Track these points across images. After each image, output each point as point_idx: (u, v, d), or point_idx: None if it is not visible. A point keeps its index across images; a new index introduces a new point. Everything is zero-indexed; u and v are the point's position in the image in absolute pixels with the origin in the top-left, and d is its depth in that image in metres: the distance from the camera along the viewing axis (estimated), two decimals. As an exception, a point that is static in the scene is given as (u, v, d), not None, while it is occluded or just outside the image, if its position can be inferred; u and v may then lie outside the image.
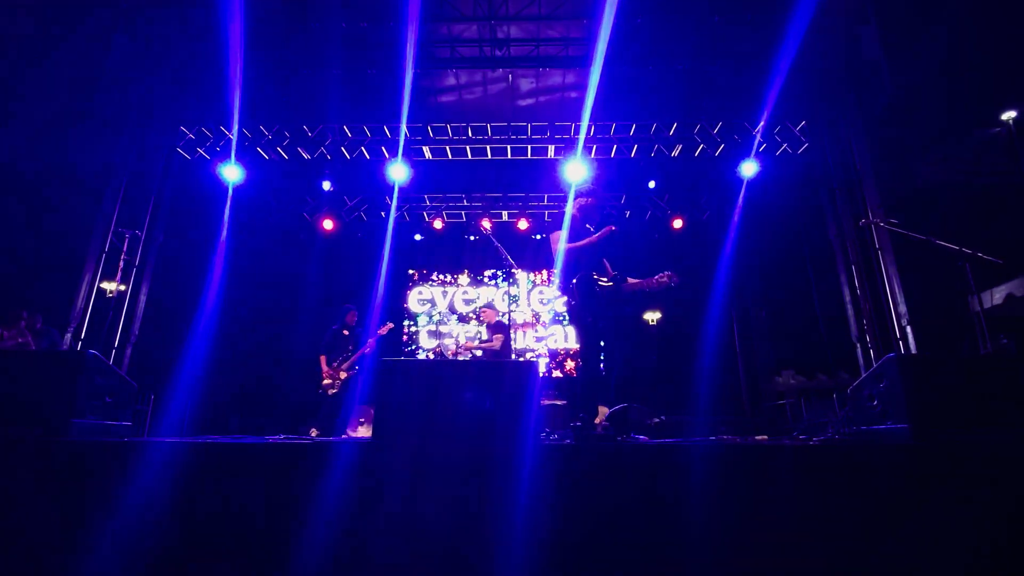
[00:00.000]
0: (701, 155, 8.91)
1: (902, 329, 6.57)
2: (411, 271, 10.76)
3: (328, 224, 9.78)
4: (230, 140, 8.12)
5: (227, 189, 8.24)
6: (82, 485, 2.33)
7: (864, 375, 2.66)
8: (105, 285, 7.00)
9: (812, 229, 8.62)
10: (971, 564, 1.94)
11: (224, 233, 8.13)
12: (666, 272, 3.71)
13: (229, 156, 8.13)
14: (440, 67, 7.92)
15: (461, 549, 2.26)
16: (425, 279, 10.80)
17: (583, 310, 3.74)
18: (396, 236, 9.73)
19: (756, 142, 8.40)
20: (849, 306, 7.46)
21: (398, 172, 8.40)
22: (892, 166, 7.49)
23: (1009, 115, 8.60)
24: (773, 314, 9.18)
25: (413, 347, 10.37)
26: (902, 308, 6.57)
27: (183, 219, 8.42)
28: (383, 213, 10.21)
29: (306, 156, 8.98)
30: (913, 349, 6.39)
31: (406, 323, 10.49)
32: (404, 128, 8.23)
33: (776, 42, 6.79)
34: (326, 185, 9.22)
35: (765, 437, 2.90)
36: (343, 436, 6.00)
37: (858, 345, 7.25)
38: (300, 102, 8.20)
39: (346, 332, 6.74)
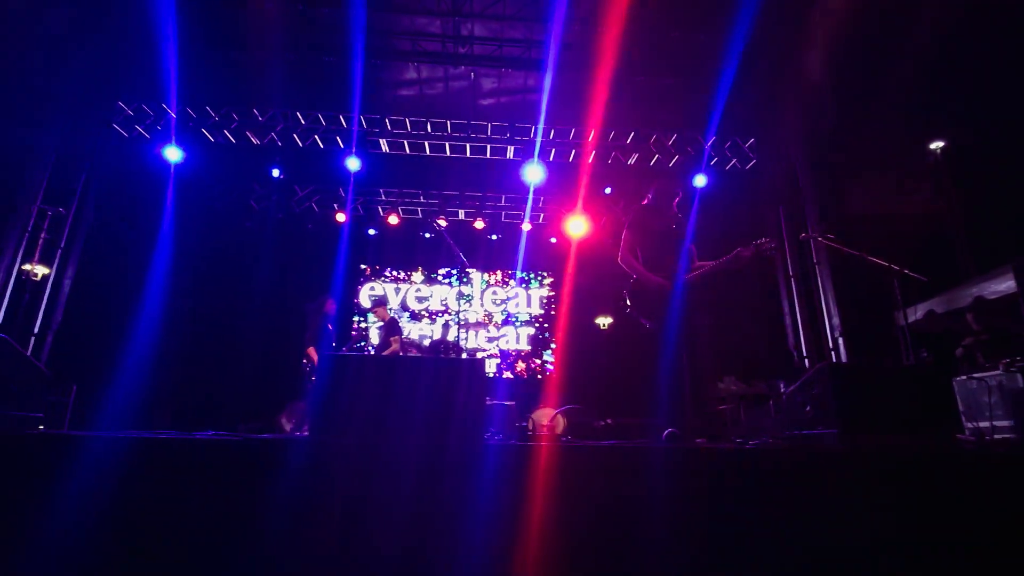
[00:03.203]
0: (656, 165, 9.13)
1: (835, 340, 6.93)
2: (363, 266, 10.51)
3: (276, 213, 9.41)
4: (172, 119, 7.69)
5: (169, 171, 7.80)
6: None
7: (799, 382, 2.76)
8: (30, 267, 6.48)
9: (753, 242, 8.98)
10: (891, 559, 2.04)
11: (166, 218, 7.69)
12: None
13: (171, 136, 7.70)
14: (401, 59, 7.78)
15: (416, 552, 2.19)
16: (378, 275, 10.57)
17: None
18: (349, 229, 9.49)
19: (707, 156, 8.69)
20: (787, 316, 7.81)
21: (354, 164, 8.20)
22: (832, 186, 7.91)
23: (937, 145, 9.25)
24: (718, 322, 9.50)
25: (362, 343, 10.12)
26: (836, 320, 6.94)
27: (120, 200, 7.90)
28: (336, 205, 9.92)
29: (255, 141, 8.61)
30: (844, 359, 6.75)
31: (356, 319, 10.23)
32: (360, 119, 8.03)
33: (727, 61, 7.03)
34: (275, 173, 8.87)
35: (704, 440, 2.97)
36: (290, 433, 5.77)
37: (795, 354, 7.60)
38: (251, 85, 7.86)
39: (330, 326, 6.50)
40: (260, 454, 2.34)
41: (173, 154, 7.72)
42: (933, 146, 9.20)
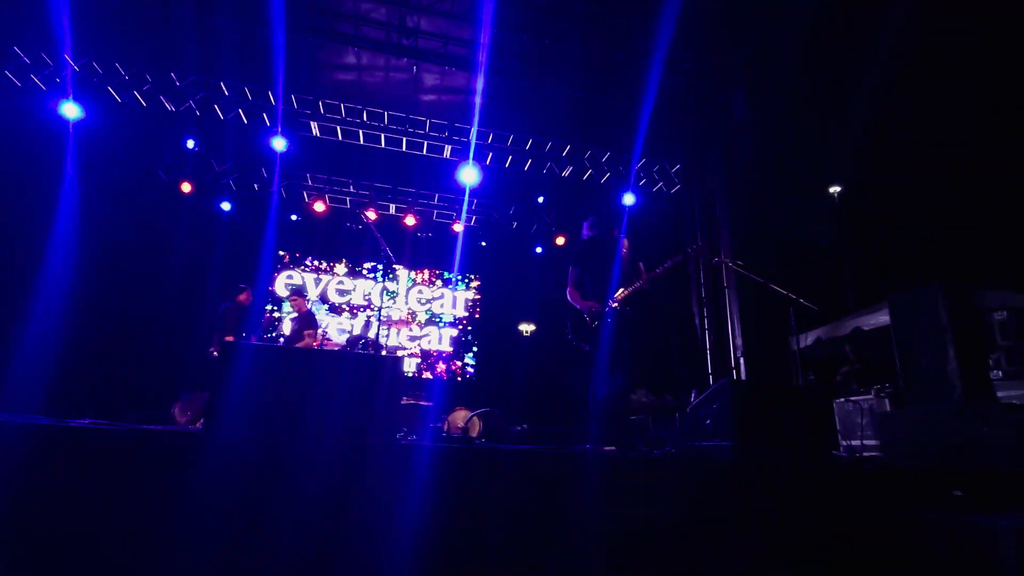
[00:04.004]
0: (589, 179, 9.41)
1: (737, 360, 7.44)
2: (281, 252, 9.95)
3: (187, 187, 8.72)
4: (71, 71, 6.92)
5: (68, 130, 7.02)
6: None
7: (701, 397, 2.93)
8: None
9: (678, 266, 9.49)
10: (775, 564, 2.21)
11: (65, 183, 6.92)
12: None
13: (68, 89, 6.94)
14: (340, 42, 7.49)
15: (318, 552, 2.08)
16: (297, 263, 10.07)
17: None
18: (270, 212, 8.98)
19: (635, 176, 9.08)
20: (698, 335, 8.30)
21: (280, 144, 7.77)
22: (745, 216, 8.51)
23: (835, 189, 10.25)
24: (634, 336, 9.92)
25: (273, 334, 9.58)
26: (739, 341, 7.45)
27: (12, 161, 6.99)
28: (256, 185, 9.36)
29: (170, 107, 7.94)
30: (744, 378, 7.26)
31: (269, 307, 9.67)
32: (292, 98, 7.63)
33: (657, 89, 7.36)
34: (190, 143, 8.22)
35: (613, 448, 3.07)
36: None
37: (703, 370, 8.08)
38: (169, 47, 7.24)
39: (241, 313, 6.03)
40: (142, 446, 2.13)
41: (71, 110, 6.95)
42: (832, 190, 10.20)
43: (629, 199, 8.85)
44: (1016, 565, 1.73)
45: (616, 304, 3.71)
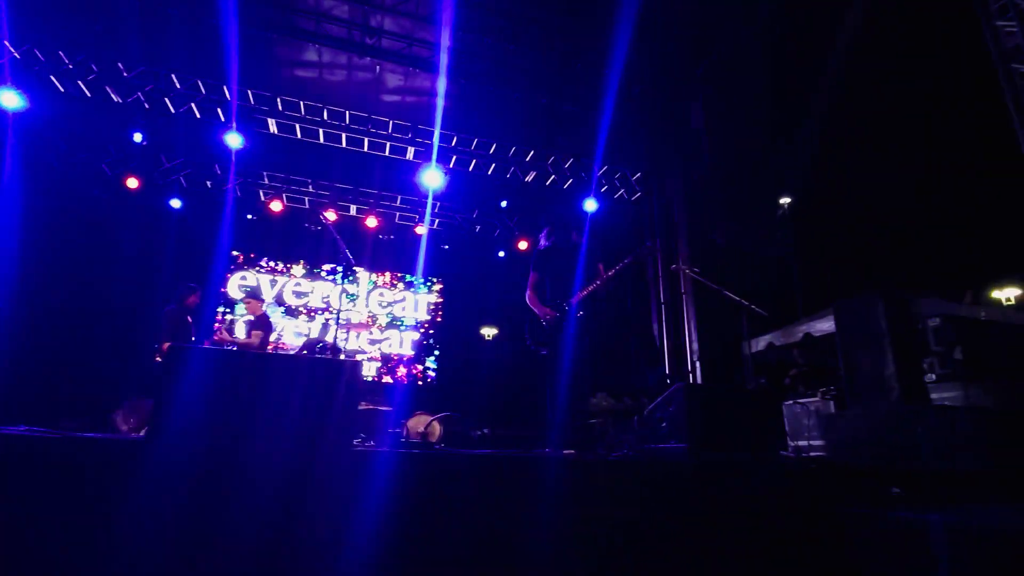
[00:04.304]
0: (552, 184, 9.49)
1: (693, 363, 7.64)
2: (235, 252, 9.60)
3: (133, 183, 8.31)
4: (14, 59, 6.52)
5: (7, 120, 6.62)
6: None
7: (658, 400, 2.99)
8: None
9: (635, 268, 9.70)
10: (725, 561, 2.27)
11: (3, 175, 6.52)
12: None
13: (6, 77, 6.53)
14: (301, 38, 7.32)
15: (271, 564, 2.00)
16: (252, 264, 9.74)
17: None
18: (224, 211, 8.66)
19: (597, 183, 9.22)
20: (657, 339, 8.48)
21: (236, 140, 7.51)
22: (702, 224, 8.77)
23: (786, 200, 10.68)
24: (595, 340, 10.05)
25: (226, 337, 9.23)
26: (695, 345, 7.66)
27: None
28: (209, 183, 9.02)
29: (116, 99, 7.57)
30: (700, 382, 7.47)
31: (221, 310, 9.31)
32: (248, 93, 7.40)
33: (619, 97, 7.51)
34: (138, 137, 7.84)
35: (573, 452, 3.09)
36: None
37: (661, 373, 8.25)
38: (118, 36, 6.91)
39: (189, 318, 5.73)
40: (80, 455, 2.01)
41: (10, 99, 6.55)
42: (783, 200, 10.64)
43: (591, 205, 8.97)
44: (946, 557, 1.84)
45: (567, 307, 3.75)
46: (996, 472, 3.09)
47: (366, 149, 8.76)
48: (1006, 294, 8.64)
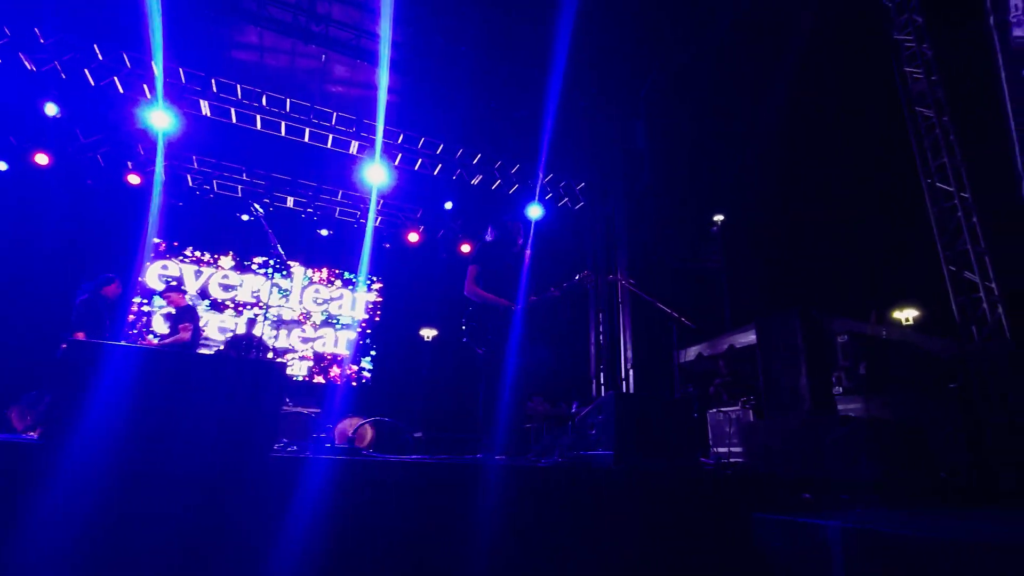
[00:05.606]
0: (498, 189, 9.52)
1: (627, 371, 7.87)
2: (157, 240, 8.95)
3: (43, 159, 7.61)
4: None
5: None
6: None
7: (589, 407, 3.05)
8: None
9: (575, 275, 9.90)
10: (639, 567, 2.34)
11: None
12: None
13: None
14: (242, 19, 6.97)
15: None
16: (175, 252, 9.13)
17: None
18: (145, 195, 8.08)
19: (541, 190, 9.35)
20: (592, 346, 8.67)
21: (163, 120, 7.02)
22: (641, 237, 9.08)
23: (718, 218, 11.25)
24: (532, 344, 10.16)
25: (143, 331, 8.61)
26: (629, 354, 7.89)
27: None
28: (130, 163, 8.39)
29: (30, 67, 6.91)
30: (632, 390, 7.70)
31: (138, 300, 8.67)
32: (180, 72, 6.95)
33: (562, 106, 7.63)
34: (51, 109, 7.19)
35: (503, 458, 3.10)
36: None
37: (594, 381, 8.44)
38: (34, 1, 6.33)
39: (106, 310, 5.24)
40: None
41: None
42: (717, 218, 11.19)
43: (534, 211, 9.08)
44: (842, 560, 1.98)
45: (514, 308, 3.75)
46: (892, 479, 3.38)
47: (307, 140, 8.45)
48: (906, 314, 9.49)
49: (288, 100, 7.91)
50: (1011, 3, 6.08)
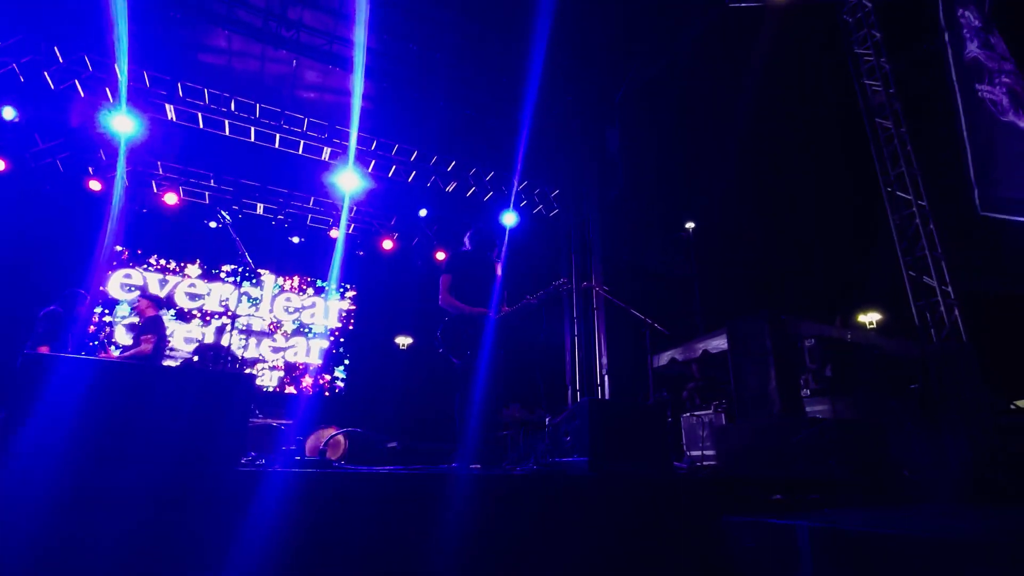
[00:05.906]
0: (472, 196, 9.52)
1: (602, 377, 7.92)
2: (119, 248, 8.67)
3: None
4: None
5: None
6: None
7: (564, 413, 3.06)
8: None
9: (551, 282, 9.94)
10: (619, 569, 2.34)
11: None
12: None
13: None
14: (210, 22, 6.83)
15: None
16: (139, 261, 8.84)
17: None
18: (107, 201, 7.82)
19: (515, 197, 9.37)
20: (568, 353, 8.70)
21: (126, 124, 6.81)
22: (614, 244, 9.17)
23: (690, 225, 11.45)
24: (509, 351, 10.15)
25: (105, 342, 8.30)
26: (604, 360, 7.94)
27: None
28: (91, 169, 8.11)
29: (-18, 67, 6.64)
30: (608, 395, 7.74)
31: (99, 311, 8.36)
32: (144, 74, 6.77)
33: (537, 114, 7.69)
34: (8, 113, 6.92)
35: (478, 466, 3.08)
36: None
37: (570, 387, 8.47)
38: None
39: (70, 322, 5.01)
40: None
41: None
42: (688, 225, 11.39)
43: (509, 218, 9.09)
44: (809, 559, 2.02)
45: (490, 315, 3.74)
46: (857, 478, 3.46)
47: (277, 145, 8.30)
48: (870, 318, 9.80)
49: (258, 105, 7.78)
50: (963, 20, 6.39)
